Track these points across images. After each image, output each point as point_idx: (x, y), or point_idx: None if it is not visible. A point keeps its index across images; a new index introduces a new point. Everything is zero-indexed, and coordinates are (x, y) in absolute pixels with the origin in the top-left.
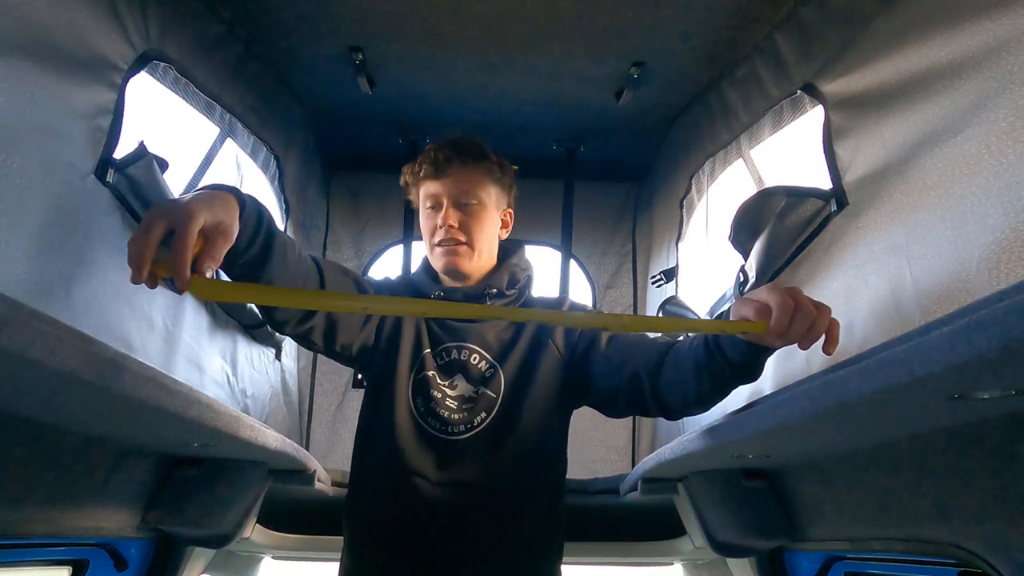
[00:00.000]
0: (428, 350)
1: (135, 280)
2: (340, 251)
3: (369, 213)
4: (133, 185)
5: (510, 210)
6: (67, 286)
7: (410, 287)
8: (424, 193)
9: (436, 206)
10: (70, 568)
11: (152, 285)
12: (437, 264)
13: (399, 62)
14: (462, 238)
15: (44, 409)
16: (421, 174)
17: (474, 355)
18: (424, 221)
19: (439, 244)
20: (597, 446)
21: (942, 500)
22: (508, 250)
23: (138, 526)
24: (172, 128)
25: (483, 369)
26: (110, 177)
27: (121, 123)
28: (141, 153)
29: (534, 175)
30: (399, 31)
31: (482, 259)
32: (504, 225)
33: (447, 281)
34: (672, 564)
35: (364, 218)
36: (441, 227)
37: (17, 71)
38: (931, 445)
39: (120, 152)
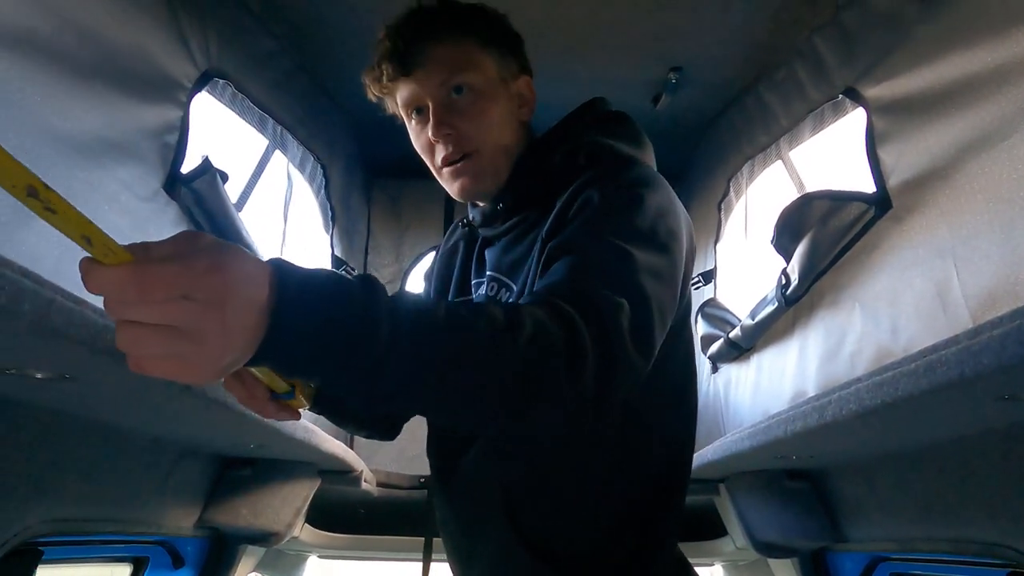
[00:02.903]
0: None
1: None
2: (380, 256)
3: (409, 218)
4: (198, 198)
5: (527, 77)
6: None
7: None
8: (401, 101)
9: (420, 111)
10: (131, 565)
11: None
12: (451, 191)
13: None
14: (468, 147)
15: (116, 411)
16: (385, 78)
17: (491, 284)
18: (414, 139)
19: (444, 165)
20: None
21: (990, 500)
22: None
23: (195, 524)
24: (227, 142)
25: (497, 294)
26: (178, 191)
27: (187, 139)
28: (206, 168)
29: None
30: None
31: (504, 160)
32: (524, 101)
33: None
34: (713, 565)
35: (404, 223)
36: (437, 141)
37: (97, 94)
38: (978, 445)
39: (186, 167)
